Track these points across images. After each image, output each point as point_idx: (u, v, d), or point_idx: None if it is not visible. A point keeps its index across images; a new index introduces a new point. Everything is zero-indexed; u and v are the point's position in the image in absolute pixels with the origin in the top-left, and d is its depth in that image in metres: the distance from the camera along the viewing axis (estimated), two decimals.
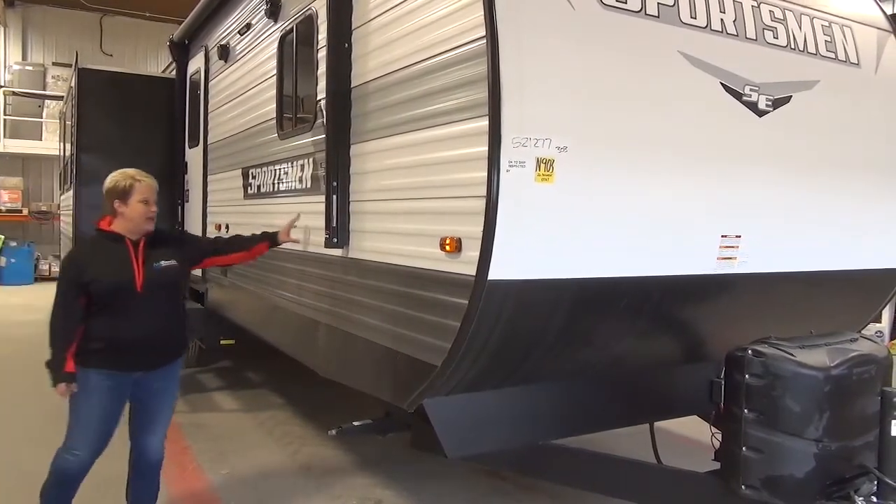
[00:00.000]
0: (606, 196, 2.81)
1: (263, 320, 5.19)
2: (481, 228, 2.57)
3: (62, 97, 12.54)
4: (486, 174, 2.54)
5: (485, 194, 2.54)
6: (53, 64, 16.50)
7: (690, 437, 4.78)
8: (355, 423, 3.85)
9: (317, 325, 4.06)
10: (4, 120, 15.60)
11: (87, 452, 3.27)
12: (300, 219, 4.08)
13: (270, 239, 3.97)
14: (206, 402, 6.28)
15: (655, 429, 3.96)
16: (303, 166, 4.22)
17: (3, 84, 15.93)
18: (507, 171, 2.53)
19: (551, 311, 2.84)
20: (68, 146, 8.34)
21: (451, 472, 4.50)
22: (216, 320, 6.36)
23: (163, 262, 3.32)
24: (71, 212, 7.10)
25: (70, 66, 14.13)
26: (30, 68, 16.27)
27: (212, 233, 6.28)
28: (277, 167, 4.68)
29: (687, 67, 3.03)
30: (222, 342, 6.75)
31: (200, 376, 7.17)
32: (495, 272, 2.57)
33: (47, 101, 15.88)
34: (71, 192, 7.27)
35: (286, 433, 5.42)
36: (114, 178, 3.37)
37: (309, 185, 4.11)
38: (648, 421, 3.88)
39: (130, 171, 3.42)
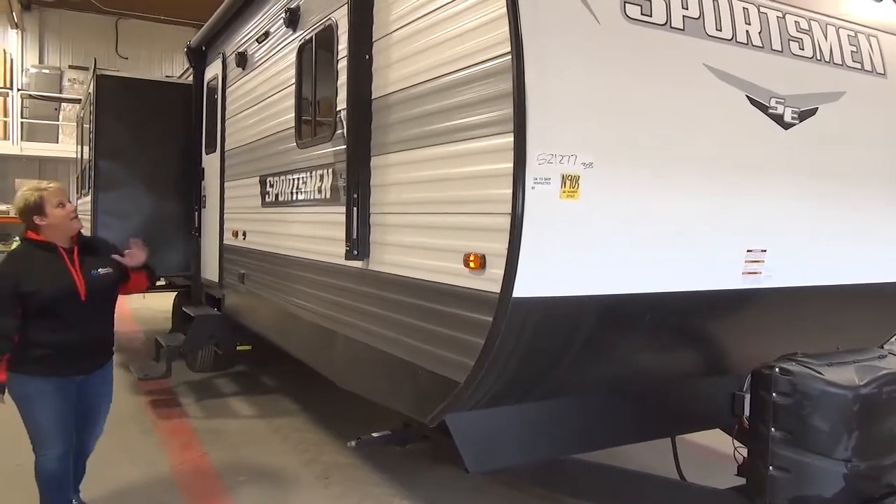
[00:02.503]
0: (632, 212, 2.78)
1: (281, 328, 5.19)
2: (506, 245, 2.55)
3: (79, 100, 12.63)
4: (511, 191, 2.52)
5: (510, 211, 2.53)
6: (70, 67, 16.63)
7: (712, 447, 4.73)
8: (374, 435, 3.85)
9: (335, 336, 4.06)
10: (21, 123, 15.73)
11: (58, 449, 3.39)
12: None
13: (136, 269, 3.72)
14: (221, 408, 6.30)
15: (677, 440, 3.92)
16: (322, 177, 4.22)
17: (20, 87, 16.06)
18: (533, 187, 2.52)
19: (575, 327, 2.82)
20: (86, 150, 8.39)
21: (469, 483, 4.48)
22: (233, 326, 6.37)
23: (100, 270, 3.47)
24: (89, 216, 7.13)
25: (86, 68, 14.26)
26: (46, 71, 16.40)
27: (229, 239, 6.31)
28: (296, 176, 4.68)
29: (712, 80, 3.00)
30: (239, 348, 6.78)
31: (216, 381, 7.19)
32: (520, 289, 2.55)
33: (64, 104, 16.00)
34: (89, 197, 7.30)
35: (302, 440, 5.42)
36: (21, 198, 3.39)
37: (328, 196, 4.11)
38: (670, 435, 3.84)
39: (32, 183, 3.51)
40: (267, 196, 5.28)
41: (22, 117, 15.83)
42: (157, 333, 7.53)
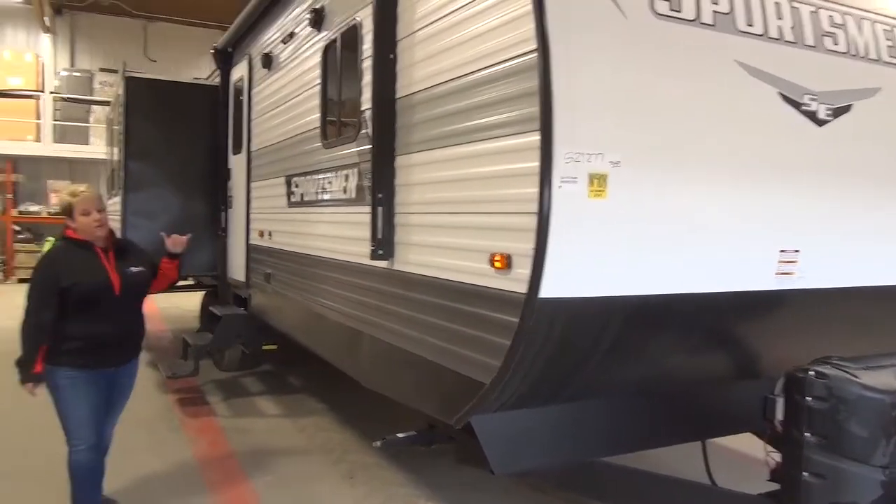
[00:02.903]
0: (660, 211, 2.73)
1: (306, 328, 5.21)
2: (532, 245, 2.52)
3: (108, 102, 12.83)
4: (537, 190, 2.49)
5: (536, 210, 2.49)
6: (100, 70, 16.89)
7: (743, 451, 4.64)
8: (400, 435, 3.83)
9: (360, 336, 4.05)
10: (53, 125, 16.03)
11: (90, 442, 3.53)
12: None
13: (167, 255, 3.99)
14: (248, 407, 6.35)
15: (707, 443, 3.85)
16: (347, 176, 4.22)
17: (52, 90, 16.36)
18: (560, 186, 2.48)
19: (603, 328, 2.77)
20: (116, 152, 8.51)
21: (494, 484, 4.45)
22: (259, 326, 6.41)
23: (133, 268, 3.66)
24: (118, 216, 7.23)
25: (116, 71, 14.47)
26: (77, 74, 16.69)
27: (255, 239, 6.35)
28: (321, 176, 4.69)
29: (744, 77, 2.93)
30: (265, 347, 6.82)
31: (243, 380, 7.26)
32: (546, 290, 2.52)
33: (94, 107, 16.27)
34: (119, 198, 7.40)
35: (328, 440, 5.44)
36: (59, 199, 3.68)
37: (353, 196, 4.11)
38: (700, 438, 3.77)
39: (71, 187, 3.69)
40: (292, 196, 5.30)
41: (54, 119, 16.12)
42: (184, 332, 7.61)
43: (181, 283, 8.49)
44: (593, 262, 2.62)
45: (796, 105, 3.06)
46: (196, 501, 4.27)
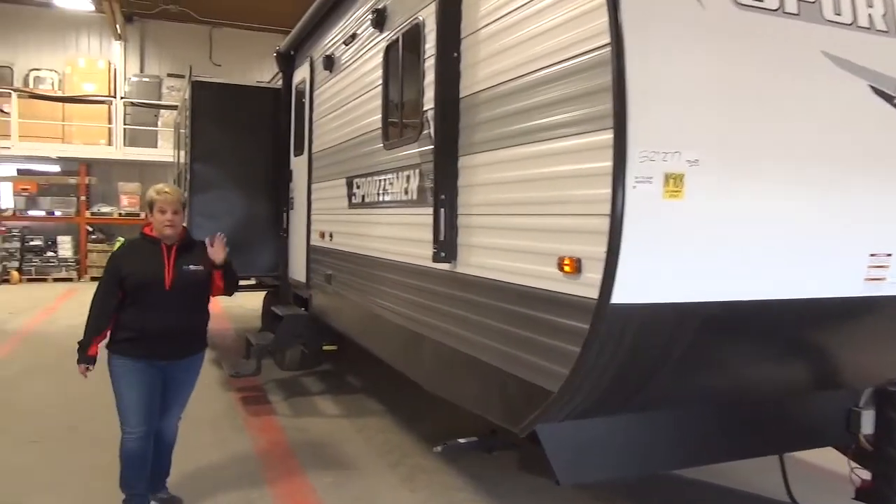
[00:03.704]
0: (741, 212, 2.58)
1: (367, 330, 5.20)
2: (604, 249, 2.41)
3: (176, 107, 13.21)
4: (610, 191, 2.38)
5: (609, 212, 2.38)
6: (168, 75, 17.43)
7: (823, 466, 4.39)
8: (461, 441, 3.77)
9: (422, 339, 4.00)
10: (124, 129, 16.62)
11: (141, 429, 3.67)
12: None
13: (215, 266, 3.90)
14: (308, 406, 6.39)
15: (785, 457, 3.66)
16: (408, 177, 4.17)
17: (122, 95, 16.96)
18: (634, 187, 2.37)
19: (677, 336, 2.64)
20: (182, 154, 8.72)
21: (557, 493, 4.34)
22: (320, 326, 6.45)
23: (191, 266, 3.76)
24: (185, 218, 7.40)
25: (182, 76, 14.90)
26: (146, 79, 17.26)
27: (316, 240, 6.39)
28: (382, 177, 4.66)
29: (831, 69, 2.75)
30: (325, 348, 6.87)
31: (303, 380, 7.32)
32: (619, 295, 2.41)
33: (162, 111, 16.79)
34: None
35: (386, 441, 5.41)
36: (148, 191, 3.82)
37: (415, 197, 4.06)
38: (777, 452, 3.59)
39: (159, 185, 3.84)
40: (353, 197, 5.30)
41: (124, 124, 16.71)
42: (247, 331, 7.74)
43: (243, 282, 8.66)
44: (668, 266, 2.49)
45: (889, 98, 2.86)
46: (257, 499, 4.30)
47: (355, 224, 5.27)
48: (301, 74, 7.04)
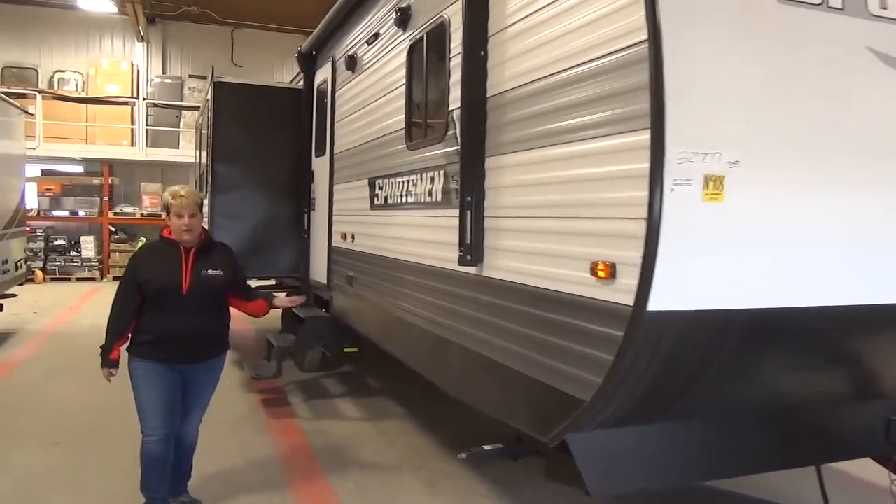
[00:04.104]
0: (783, 215, 2.47)
1: (390, 333, 5.13)
2: (640, 253, 2.31)
3: (197, 108, 13.26)
4: (646, 193, 2.28)
5: (645, 216, 2.29)
6: (190, 76, 17.53)
7: (861, 477, 4.25)
8: (486, 448, 3.70)
9: (447, 344, 3.92)
10: (146, 130, 16.74)
11: (161, 431, 3.66)
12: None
13: (268, 299, 4.10)
14: (329, 409, 6.35)
15: (822, 468, 3.53)
16: (433, 179, 4.10)
17: (145, 96, 17.09)
18: (672, 189, 2.27)
19: (716, 344, 2.54)
20: (204, 155, 8.73)
21: (582, 500, 4.24)
22: (341, 329, 6.40)
23: (210, 271, 3.72)
24: (206, 218, 7.39)
25: (204, 77, 14.95)
26: (168, 81, 17.38)
27: (337, 242, 6.34)
28: (405, 178, 4.59)
29: (877, 66, 2.64)
30: (346, 350, 6.82)
31: (324, 381, 7.29)
32: (655, 302, 2.31)
33: (184, 112, 16.89)
34: (206, 200, 7.57)
35: (409, 445, 5.35)
36: (164, 195, 3.80)
37: (440, 199, 3.98)
38: (814, 463, 3.47)
39: (175, 188, 3.79)
40: (376, 199, 5.24)
41: (147, 125, 16.83)
42: (267, 332, 7.72)
43: (264, 283, 8.65)
44: (707, 271, 2.39)
45: None
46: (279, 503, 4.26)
47: (378, 226, 5.21)
48: (323, 75, 7.00)
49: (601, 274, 2.52)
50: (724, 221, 2.37)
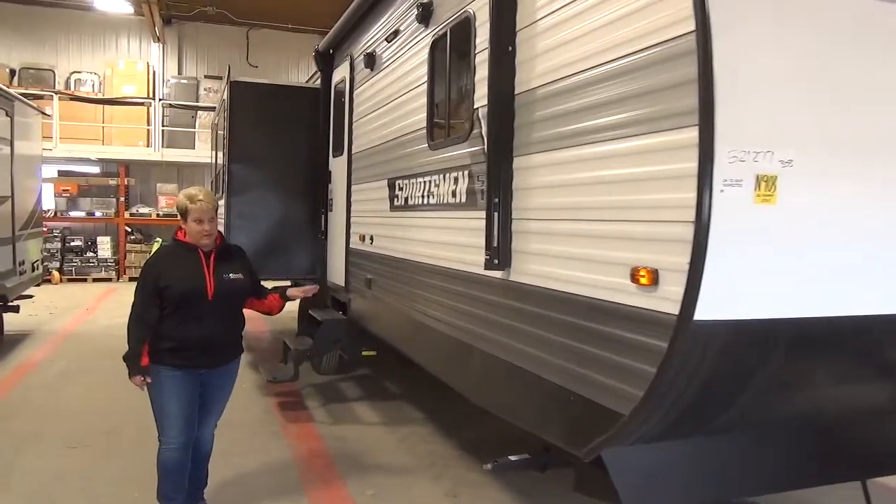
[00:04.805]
0: (840, 219, 2.32)
1: (410, 337, 5.00)
2: (687, 259, 2.17)
3: (213, 108, 13.21)
4: (695, 195, 2.14)
5: (693, 219, 2.14)
6: (205, 77, 17.51)
7: None
8: (512, 458, 3.56)
9: (470, 350, 3.79)
10: (163, 131, 16.74)
11: (180, 440, 3.61)
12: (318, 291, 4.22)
13: (281, 292, 4.06)
14: (346, 413, 6.23)
15: (868, 483, 3.37)
16: (456, 179, 3.96)
17: (161, 97, 17.09)
18: (722, 191, 2.12)
19: (765, 356, 2.38)
20: (220, 155, 8.65)
21: None
22: (359, 332, 6.29)
23: (231, 275, 3.67)
24: (223, 219, 7.30)
25: (220, 78, 14.92)
26: (184, 81, 17.35)
27: (355, 243, 6.22)
28: (427, 179, 4.46)
29: None
30: (364, 353, 6.70)
31: (341, 385, 7.17)
32: (703, 311, 2.17)
33: (200, 112, 16.87)
34: (223, 201, 7.48)
35: (429, 452, 5.22)
36: (179, 198, 3.70)
37: (464, 200, 3.85)
38: (860, 478, 3.30)
39: (192, 191, 3.68)
40: (395, 200, 5.11)
41: (163, 125, 16.83)
42: (283, 334, 7.62)
43: (279, 284, 8.54)
44: (759, 278, 2.24)
45: None
46: None
47: (397, 227, 5.08)
48: (340, 73, 6.89)
49: (643, 280, 2.37)
50: (777, 225, 2.23)
